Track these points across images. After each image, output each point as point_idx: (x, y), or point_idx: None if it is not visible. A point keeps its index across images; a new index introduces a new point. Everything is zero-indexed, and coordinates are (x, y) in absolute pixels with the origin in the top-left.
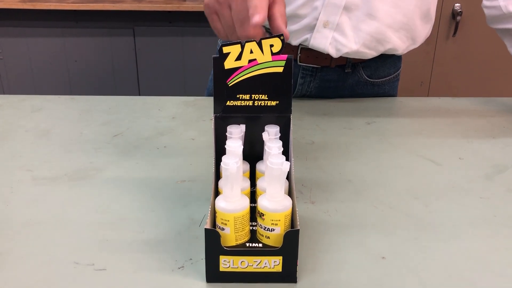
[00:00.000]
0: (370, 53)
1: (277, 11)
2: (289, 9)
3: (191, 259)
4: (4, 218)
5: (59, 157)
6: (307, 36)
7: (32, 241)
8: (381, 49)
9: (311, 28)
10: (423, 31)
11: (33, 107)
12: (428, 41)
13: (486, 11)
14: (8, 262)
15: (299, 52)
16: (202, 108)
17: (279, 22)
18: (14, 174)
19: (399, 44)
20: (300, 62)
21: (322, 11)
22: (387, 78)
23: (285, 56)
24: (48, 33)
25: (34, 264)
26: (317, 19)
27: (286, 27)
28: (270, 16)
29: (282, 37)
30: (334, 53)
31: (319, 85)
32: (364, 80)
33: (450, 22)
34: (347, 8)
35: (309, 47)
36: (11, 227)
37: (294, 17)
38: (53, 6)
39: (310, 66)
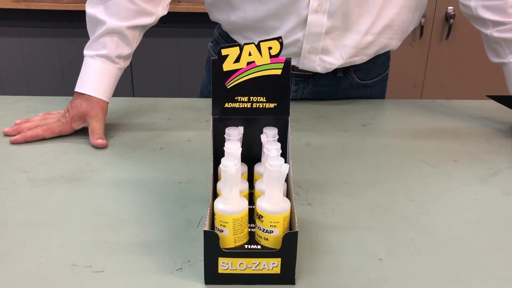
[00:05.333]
0: (360, 59)
1: (91, 129)
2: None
3: (189, 261)
4: (1, 220)
5: (55, 158)
6: (294, 62)
7: (29, 243)
8: (370, 52)
9: (297, 55)
10: (413, 20)
11: (28, 108)
12: (421, 43)
13: (460, 7)
14: (4, 264)
15: None
16: (198, 109)
17: (91, 139)
18: (10, 175)
19: (388, 42)
20: (293, 70)
21: (305, 41)
22: (377, 78)
23: (283, 59)
24: (42, 33)
25: (31, 266)
26: (301, 48)
27: (97, 139)
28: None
29: (280, 40)
30: (323, 71)
31: (312, 91)
32: (356, 82)
33: (443, 24)
34: (328, 32)
35: (299, 68)
36: (8, 229)
37: None
38: (47, 6)
39: (302, 74)
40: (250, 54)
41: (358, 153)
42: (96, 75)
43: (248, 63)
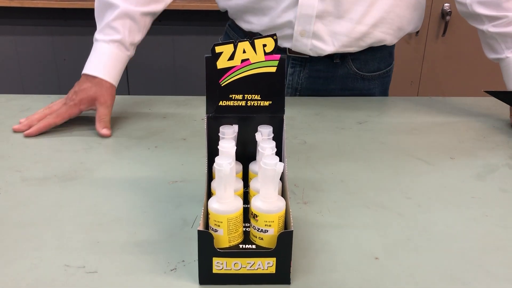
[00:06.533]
0: (353, 50)
1: (98, 115)
2: (266, 21)
3: (183, 261)
4: None
5: (49, 158)
6: (288, 44)
7: (22, 243)
8: (363, 44)
9: (289, 37)
10: (411, 19)
11: (22, 107)
12: (417, 40)
13: (457, 5)
14: None
15: None
16: (194, 108)
17: (97, 126)
18: (3, 175)
19: (382, 36)
20: (289, 53)
21: (296, 23)
22: (377, 73)
23: (278, 56)
24: (36, 31)
25: (23, 267)
26: (293, 29)
27: (103, 127)
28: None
29: (275, 37)
30: (315, 55)
31: (309, 75)
32: (353, 72)
33: (439, 21)
34: (319, 16)
35: (293, 50)
36: (0, 229)
37: (272, 28)
38: (41, 4)
39: (299, 56)
40: (244, 52)
41: (354, 151)
42: (109, 60)
43: (243, 61)
